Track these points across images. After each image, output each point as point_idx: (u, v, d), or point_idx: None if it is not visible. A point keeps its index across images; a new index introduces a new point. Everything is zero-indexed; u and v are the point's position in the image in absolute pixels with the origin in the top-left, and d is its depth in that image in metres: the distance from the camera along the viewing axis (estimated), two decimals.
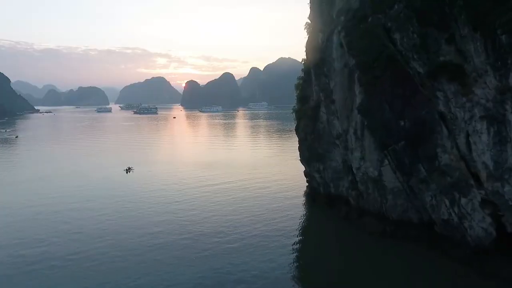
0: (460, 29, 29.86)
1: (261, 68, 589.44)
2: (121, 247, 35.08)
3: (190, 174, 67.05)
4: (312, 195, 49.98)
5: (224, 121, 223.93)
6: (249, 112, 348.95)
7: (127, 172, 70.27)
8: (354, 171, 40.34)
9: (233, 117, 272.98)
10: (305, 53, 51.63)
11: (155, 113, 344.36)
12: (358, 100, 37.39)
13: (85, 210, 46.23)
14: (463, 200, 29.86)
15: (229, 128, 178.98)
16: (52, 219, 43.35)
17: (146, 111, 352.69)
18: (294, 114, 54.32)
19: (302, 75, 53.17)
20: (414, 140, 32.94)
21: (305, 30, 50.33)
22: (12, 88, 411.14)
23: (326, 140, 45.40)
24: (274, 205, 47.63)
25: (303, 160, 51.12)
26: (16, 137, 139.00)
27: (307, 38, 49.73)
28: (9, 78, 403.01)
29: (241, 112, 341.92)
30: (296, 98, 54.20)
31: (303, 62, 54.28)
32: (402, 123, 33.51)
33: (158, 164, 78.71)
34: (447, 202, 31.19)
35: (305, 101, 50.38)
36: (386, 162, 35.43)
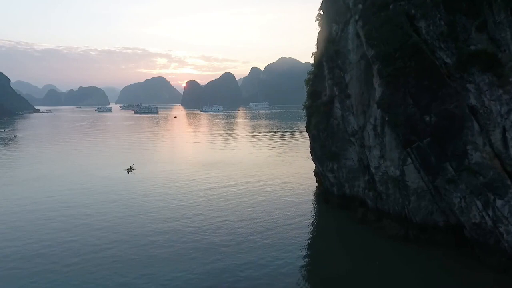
0: (494, 14, 27.33)
1: (262, 68, 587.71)
2: (122, 257, 32.05)
3: (193, 175, 64.23)
4: (325, 196, 47.26)
5: (226, 121, 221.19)
6: (250, 111, 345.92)
7: (128, 172, 67.63)
8: (372, 170, 37.72)
9: (235, 116, 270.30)
10: (315, 46, 49.08)
11: (156, 112, 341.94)
12: (377, 94, 34.74)
13: (83, 216, 43.05)
14: (499, 202, 27.24)
15: (231, 127, 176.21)
16: (48, 224, 40.63)
17: (147, 111, 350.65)
18: (304, 110, 51.59)
19: (312, 69, 50.58)
20: (441, 136, 30.38)
21: (317, 22, 47.65)
22: (12, 88, 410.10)
23: (341, 138, 42.73)
24: (285, 208, 44.83)
25: (315, 159, 48.40)
26: (14, 137, 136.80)
27: (318, 30, 47.13)
28: (9, 78, 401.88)
29: (242, 112, 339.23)
30: (306, 93, 51.51)
31: (313, 56, 51.71)
32: (428, 118, 30.88)
33: (160, 164, 76.00)
34: (479, 204, 28.56)
35: (317, 96, 47.69)
36: (409, 160, 32.81)
